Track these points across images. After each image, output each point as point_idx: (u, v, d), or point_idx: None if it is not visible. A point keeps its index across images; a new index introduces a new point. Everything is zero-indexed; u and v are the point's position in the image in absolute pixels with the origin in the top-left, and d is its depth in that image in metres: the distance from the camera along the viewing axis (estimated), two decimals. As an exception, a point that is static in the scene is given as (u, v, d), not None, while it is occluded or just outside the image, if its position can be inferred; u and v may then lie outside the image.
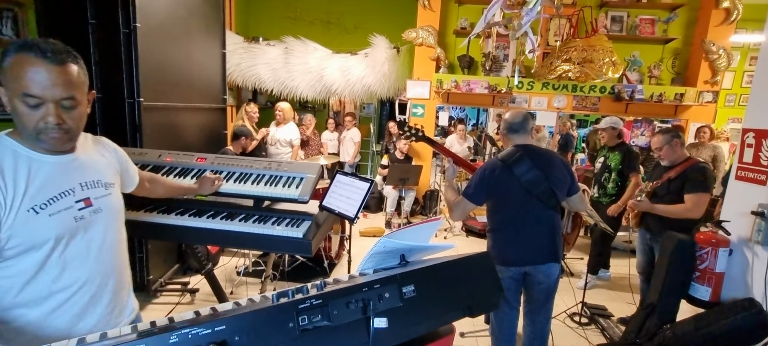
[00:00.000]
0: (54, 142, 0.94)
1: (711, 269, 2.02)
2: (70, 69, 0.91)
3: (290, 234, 1.67)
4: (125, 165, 1.25)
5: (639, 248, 2.87)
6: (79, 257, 0.99)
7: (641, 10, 5.30)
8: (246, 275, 3.34)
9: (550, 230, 1.97)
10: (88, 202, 1.02)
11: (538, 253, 1.97)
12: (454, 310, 0.72)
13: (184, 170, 1.93)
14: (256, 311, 0.53)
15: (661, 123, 5.49)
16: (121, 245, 1.13)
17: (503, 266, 2.00)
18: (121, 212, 1.14)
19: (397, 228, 5.04)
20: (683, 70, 5.40)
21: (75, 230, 0.98)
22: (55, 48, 0.89)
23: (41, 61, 0.86)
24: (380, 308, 0.61)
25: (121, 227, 1.14)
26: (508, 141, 2.07)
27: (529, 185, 1.90)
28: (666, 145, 2.58)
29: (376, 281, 0.63)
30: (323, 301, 0.57)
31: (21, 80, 0.85)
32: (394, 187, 5.11)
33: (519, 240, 1.97)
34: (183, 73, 3.35)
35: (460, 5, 5.55)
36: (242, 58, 5.89)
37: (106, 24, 2.67)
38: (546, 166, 1.95)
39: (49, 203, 0.93)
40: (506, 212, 2.00)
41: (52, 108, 0.89)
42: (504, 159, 1.96)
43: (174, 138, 3.26)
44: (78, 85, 0.94)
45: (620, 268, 4.11)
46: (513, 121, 2.03)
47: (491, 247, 2.06)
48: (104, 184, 1.08)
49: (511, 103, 5.50)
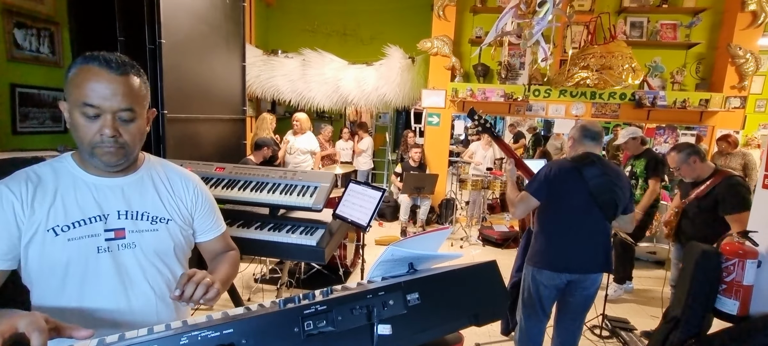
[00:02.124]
0: (108, 158, 0.88)
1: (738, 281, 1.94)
2: (132, 80, 0.87)
3: (304, 242, 1.70)
4: (201, 212, 1.08)
5: (673, 262, 2.76)
6: (100, 295, 0.89)
7: (662, 15, 5.19)
8: (263, 282, 3.39)
9: (607, 240, 1.94)
10: (121, 233, 0.92)
11: (591, 262, 1.92)
12: (459, 318, 0.72)
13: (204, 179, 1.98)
14: (262, 316, 0.56)
15: (685, 130, 5.33)
16: (164, 293, 0.98)
17: (552, 272, 1.94)
18: (170, 255, 1.00)
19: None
20: (708, 75, 5.23)
21: (95, 262, 0.89)
22: (119, 59, 0.87)
23: (104, 71, 0.83)
24: (384, 315, 0.62)
25: (167, 271, 0.99)
26: (579, 146, 2.02)
27: (596, 190, 1.87)
28: (683, 164, 2.40)
29: (381, 288, 0.64)
30: (328, 307, 0.59)
31: (81, 89, 0.82)
32: (409, 195, 5.11)
33: (576, 246, 1.92)
34: (205, 86, 3.47)
35: (474, 14, 5.57)
36: (261, 71, 6.05)
37: (134, 41, 2.80)
38: (616, 178, 1.93)
39: (71, 227, 0.87)
40: (565, 215, 1.94)
41: (109, 119, 0.84)
42: (575, 159, 1.94)
43: (195, 148, 3.37)
44: (138, 99, 0.89)
45: (644, 280, 3.98)
46: (592, 128, 2.00)
47: (539, 251, 1.99)
48: (152, 217, 0.97)
49: (528, 112, 5.44)
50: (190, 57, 3.21)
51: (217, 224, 1.13)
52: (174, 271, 1.02)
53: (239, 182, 1.94)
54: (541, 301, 1.99)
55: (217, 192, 1.92)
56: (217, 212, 1.14)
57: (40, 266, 0.85)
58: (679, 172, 2.45)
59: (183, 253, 1.05)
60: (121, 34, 2.80)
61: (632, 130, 3.49)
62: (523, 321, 2.08)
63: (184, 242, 1.04)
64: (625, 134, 3.48)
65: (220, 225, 1.14)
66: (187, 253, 1.09)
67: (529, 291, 2.03)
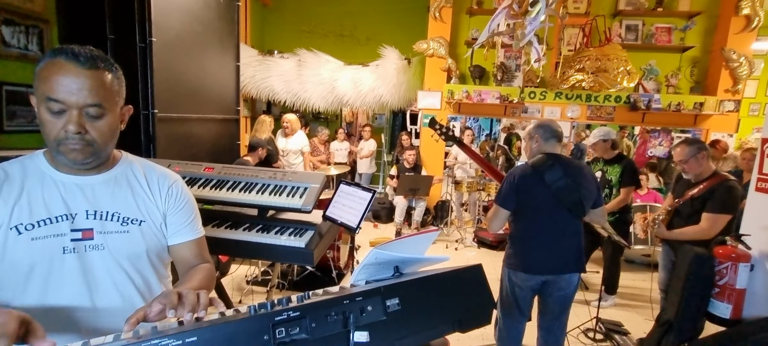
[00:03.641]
0: (74, 155, 0.83)
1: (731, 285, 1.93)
2: (102, 75, 0.83)
3: (292, 244, 1.68)
4: (174, 210, 1.01)
5: (662, 264, 2.74)
6: (63, 296, 0.85)
7: (657, 18, 5.21)
8: (254, 283, 3.36)
9: (577, 239, 1.95)
10: (88, 234, 0.88)
11: (564, 262, 1.94)
12: (442, 324, 0.70)
13: (193, 180, 1.96)
14: (230, 323, 0.53)
15: (680, 133, 5.34)
16: (132, 298, 0.92)
17: (525, 274, 1.97)
18: (142, 259, 0.94)
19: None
20: (702, 78, 5.26)
21: (60, 262, 0.85)
22: (90, 53, 0.82)
23: (71, 65, 0.79)
24: (362, 321, 0.60)
25: (138, 276, 0.94)
26: (539, 145, 2.01)
27: (560, 193, 1.88)
28: (692, 158, 2.37)
29: (359, 293, 0.61)
30: (301, 313, 0.56)
31: (47, 83, 0.79)
32: (404, 197, 5.09)
33: (545, 249, 1.93)
34: (197, 85, 3.43)
35: (471, 16, 5.56)
36: (257, 71, 6.02)
37: (124, 39, 2.77)
38: (578, 177, 1.93)
39: (35, 226, 0.83)
40: (533, 220, 1.96)
41: (74, 115, 0.80)
42: (535, 165, 1.93)
43: (188, 148, 3.33)
44: (108, 94, 0.84)
45: (638, 282, 3.98)
46: (552, 126, 2.00)
47: (513, 254, 2.02)
48: (123, 219, 0.92)
49: (524, 113, 5.44)
50: (182, 56, 3.18)
51: (192, 227, 1.05)
52: (146, 276, 0.96)
53: (228, 183, 1.91)
54: (517, 301, 2.02)
55: (206, 193, 1.89)
56: (194, 215, 1.06)
57: (2, 265, 0.82)
58: (685, 165, 2.41)
59: (159, 257, 1.00)
60: (111, 32, 2.77)
61: (605, 131, 3.36)
62: (502, 321, 2.11)
63: (160, 245, 0.99)
64: (596, 134, 3.36)
65: (195, 230, 1.06)
66: (166, 258, 1.03)
67: (506, 292, 2.07)
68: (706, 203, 2.33)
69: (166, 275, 1.06)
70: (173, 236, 1.02)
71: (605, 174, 3.32)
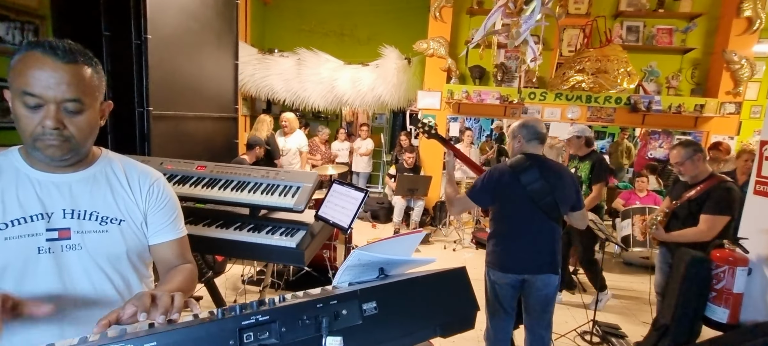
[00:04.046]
0: (52, 152, 0.81)
1: (728, 288, 1.91)
2: (81, 70, 0.81)
3: (283, 244, 1.66)
4: (155, 209, 0.98)
5: (659, 266, 2.71)
6: (38, 297, 0.82)
7: (658, 19, 5.17)
8: (250, 283, 3.34)
9: (551, 241, 1.97)
10: (65, 233, 0.85)
11: (538, 263, 1.95)
12: (422, 329, 0.68)
13: (184, 178, 1.94)
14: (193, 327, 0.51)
15: (681, 135, 5.31)
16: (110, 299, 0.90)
17: (501, 272, 2.01)
18: (122, 259, 0.92)
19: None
20: (703, 80, 5.22)
21: (35, 262, 0.82)
22: (68, 46, 0.80)
23: (48, 58, 0.77)
24: (337, 326, 0.58)
25: (117, 276, 0.92)
26: (520, 145, 2.03)
27: (534, 194, 1.90)
28: (687, 160, 2.35)
29: (333, 296, 0.59)
30: (271, 317, 0.54)
31: (23, 77, 0.76)
32: (403, 197, 5.07)
33: (520, 248, 1.97)
34: (194, 83, 3.42)
35: (471, 16, 5.53)
36: (256, 69, 6.00)
37: (119, 36, 2.75)
38: (554, 179, 1.94)
39: (9, 225, 0.81)
40: (509, 219, 2.01)
41: (52, 110, 0.78)
42: (513, 166, 1.96)
43: (184, 146, 3.31)
44: (87, 89, 0.82)
45: (636, 285, 3.95)
46: (536, 127, 2.01)
47: (491, 252, 2.06)
48: (102, 218, 0.90)
49: (523, 114, 5.41)
50: (179, 53, 3.16)
51: (174, 226, 1.02)
52: (126, 276, 0.94)
53: (220, 181, 1.90)
54: (500, 300, 2.04)
55: (198, 191, 1.87)
56: (176, 215, 1.04)
57: None
58: (681, 167, 2.40)
59: (139, 257, 0.97)
60: (106, 29, 2.75)
61: (580, 128, 3.35)
62: (488, 321, 2.12)
63: (141, 245, 0.97)
64: (571, 131, 3.36)
65: (177, 229, 1.03)
66: (147, 258, 1.01)
67: (489, 290, 2.10)
68: (703, 205, 2.30)
69: (147, 275, 1.04)
70: (154, 236, 0.99)
71: (577, 171, 3.32)
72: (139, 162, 1.04)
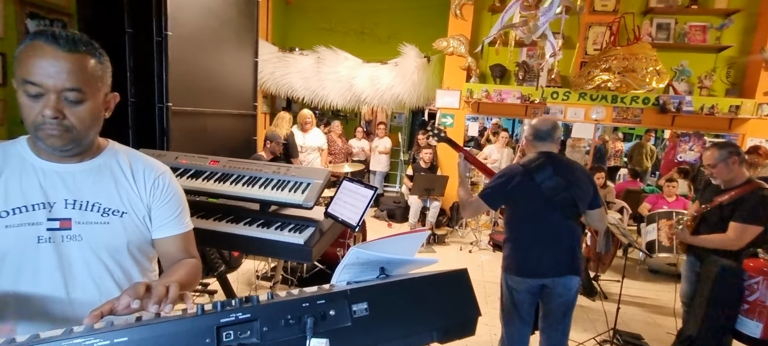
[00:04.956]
0: (52, 141, 0.81)
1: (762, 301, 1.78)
2: (83, 59, 0.80)
3: (291, 240, 1.65)
4: (160, 203, 0.98)
5: (685, 275, 2.56)
6: (37, 286, 0.83)
7: (691, 16, 4.92)
8: (264, 278, 3.37)
9: (570, 241, 1.89)
10: (66, 223, 0.85)
11: (557, 265, 1.87)
12: (417, 333, 0.64)
13: (198, 172, 1.96)
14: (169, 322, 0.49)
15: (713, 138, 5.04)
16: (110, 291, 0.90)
17: (519, 278, 1.92)
18: (122, 252, 0.92)
19: (422, 239, 4.92)
20: (739, 80, 4.93)
21: (34, 252, 0.83)
22: (72, 36, 0.79)
23: (50, 47, 0.77)
24: (324, 327, 0.55)
25: (117, 269, 0.92)
26: (532, 148, 1.99)
27: (549, 192, 1.83)
28: (721, 162, 2.20)
29: (321, 295, 0.57)
30: (253, 315, 0.52)
31: (25, 66, 0.77)
32: (419, 197, 5.01)
33: (538, 250, 1.88)
34: (213, 80, 3.47)
35: (493, 14, 5.41)
36: (276, 67, 6.07)
37: (141, 32, 2.82)
38: (568, 175, 1.87)
39: (10, 213, 0.81)
40: (525, 221, 1.93)
41: (52, 99, 0.77)
42: (525, 165, 1.90)
43: (202, 142, 3.37)
44: (89, 79, 0.81)
45: (662, 293, 3.77)
46: (540, 127, 1.95)
47: (507, 257, 1.98)
48: (103, 209, 0.89)
49: (545, 114, 5.26)
50: (199, 50, 3.21)
51: (179, 221, 1.01)
52: (127, 269, 0.94)
53: (232, 176, 1.91)
54: (517, 306, 1.95)
55: (210, 186, 1.88)
56: (182, 209, 1.03)
57: None
58: (714, 170, 2.25)
59: (140, 250, 0.97)
60: (129, 26, 2.82)
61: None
62: (504, 328, 2.05)
63: (143, 238, 0.96)
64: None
65: (182, 224, 1.02)
66: (150, 252, 1.01)
67: (505, 297, 2.01)
68: (735, 211, 2.16)
69: (150, 269, 1.03)
70: (158, 230, 0.98)
71: None
72: (145, 155, 1.03)
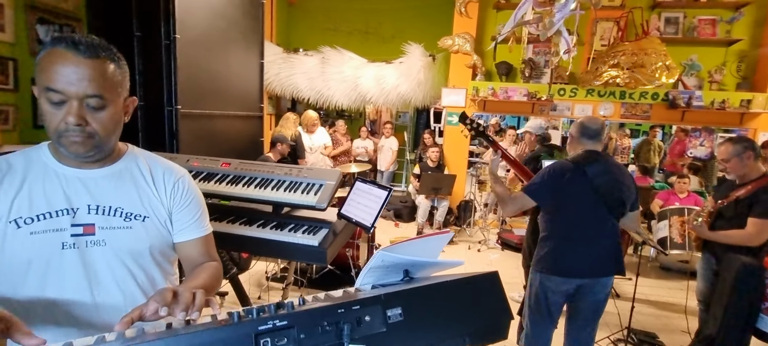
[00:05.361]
0: (75, 148, 0.81)
1: (784, 299, 1.75)
2: (103, 65, 0.80)
3: (305, 242, 1.64)
4: (180, 206, 0.97)
5: (701, 273, 2.52)
6: (63, 292, 0.83)
7: (700, 10, 4.86)
8: (274, 280, 3.37)
9: (615, 239, 1.86)
10: (90, 229, 0.85)
11: (602, 265, 1.84)
12: (451, 338, 0.63)
13: (210, 175, 1.96)
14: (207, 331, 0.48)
15: (724, 133, 4.98)
16: (134, 296, 0.90)
17: (560, 278, 1.86)
18: (145, 256, 0.92)
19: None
20: (751, 74, 4.87)
21: (59, 258, 0.83)
22: (91, 42, 0.79)
23: (70, 54, 0.77)
24: (359, 333, 0.54)
25: (141, 273, 0.92)
26: (578, 145, 1.94)
27: (602, 187, 1.80)
28: (735, 157, 2.19)
29: (356, 301, 0.55)
30: (290, 322, 0.51)
31: (47, 73, 0.76)
32: (427, 196, 5.00)
33: (583, 250, 1.83)
34: (221, 82, 3.47)
35: (498, 11, 5.39)
36: (281, 68, 6.07)
37: (149, 36, 2.82)
38: (618, 174, 1.86)
39: (34, 219, 0.82)
40: (571, 218, 1.86)
41: (74, 106, 0.77)
42: (574, 160, 1.86)
43: (210, 144, 3.37)
44: (110, 85, 0.81)
45: (675, 291, 3.73)
46: (590, 126, 1.91)
47: (546, 257, 1.90)
48: (126, 214, 0.89)
49: (552, 112, 5.23)
50: (206, 53, 3.21)
51: (199, 224, 1.01)
52: (150, 273, 0.94)
53: (244, 179, 1.90)
54: (549, 308, 1.91)
55: (222, 188, 1.88)
56: (202, 212, 1.03)
57: (2, 258, 0.81)
58: (728, 165, 2.24)
59: (162, 254, 0.97)
60: (138, 29, 2.83)
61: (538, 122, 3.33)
62: (530, 328, 2.00)
63: (165, 242, 0.96)
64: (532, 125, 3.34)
65: (202, 227, 1.02)
66: (171, 255, 1.01)
67: (537, 297, 1.95)
68: (752, 207, 2.13)
69: (172, 272, 1.03)
70: (179, 234, 0.98)
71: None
72: (163, 159, 1.03)
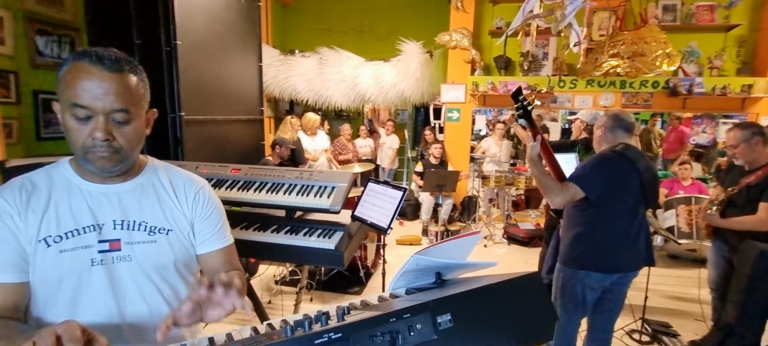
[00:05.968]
0: (102, 163, 0.80)
1: (801, 283, 1.74)
2: (128, 79, 0.79)
3: (322, 246, 1.62)
4: (202, 217, 0.96)
5: (713, 261, 2.51)
6: (92, 309, 0.82)
7: (698, -4, 4.87)
8: (283, 283, 3.35)
9: (649, 232, 1.87)
10: (116, 245, 0.84)
11: (638, 259, 1.84)
12: (499, 342, 0.61)
13: (220, 181, 1.94)
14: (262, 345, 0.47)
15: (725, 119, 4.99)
16: (160, 310, 0.89)
17: (600, 274, 1.79)
18: (170, 269, 0.91)
19: (434, 236, 4.91)
20: (751, 59, 4.88)
21: (88, 275, 0.82)
22: (115, 56, 0.79)
23: (95, 68, 0.76)
24: (411, 341, 0.52)
25: (166, 287, 0.91)
26: (611, 137, 1.88)
27: (648, 182, 1.79)
28: (744, 142, 2.19)
29: (406, 309, 0.54)
30: (344, 334, 0.49)
31: (72, 89, 0.75)
32: (431, 193, 4.98)
33: (627, 245, 1.79)
34: (221, 87, 3.45)
35: (494, 4, 5.38)
36: (279, 71, 6.04)
37: (150, 43, 2.79)
38: (654, 170, 1.87)
39: (63, 237, 0.81)
40: (618, 211, 1.78)
41: (101, 121, 0.77)
42: (620, 152, 1.79)
43: (214, 150, 3.35)
44: (134, 99, 0.81)
45: (685, 280, 3.74)
46: (625, 118, 1.89)
47: (587, 253, 1.82)
48: (150, 228, 0.88)
49: (553, 103, 5.22)
50: (206, 58, 3.19)
51: (221, 235, 1.00)
52: (174, 286, 0.92)
53: (255, 184, 1.88)
54: (585, 302, 1.87)
55: (233, 194, 1.86)
56: (223, 222, 1.01)
57: (34, 278, 0.80)
58: (736, 150, 2.24)
59: (187, 267, 0.95)
60: (138, 37, 2.79)
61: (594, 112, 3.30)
62: (562, 315, 1.94)
63: (188, 254, 0.95)
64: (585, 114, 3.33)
65: (224, 237, 1.01)
66: (194, 267, 0.99)
67: (573, 293, 1.87)
68: (764, 192, 2.13)
69: None
70: (202, 245, 0.97)
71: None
72: (182, 169, 1.01)
